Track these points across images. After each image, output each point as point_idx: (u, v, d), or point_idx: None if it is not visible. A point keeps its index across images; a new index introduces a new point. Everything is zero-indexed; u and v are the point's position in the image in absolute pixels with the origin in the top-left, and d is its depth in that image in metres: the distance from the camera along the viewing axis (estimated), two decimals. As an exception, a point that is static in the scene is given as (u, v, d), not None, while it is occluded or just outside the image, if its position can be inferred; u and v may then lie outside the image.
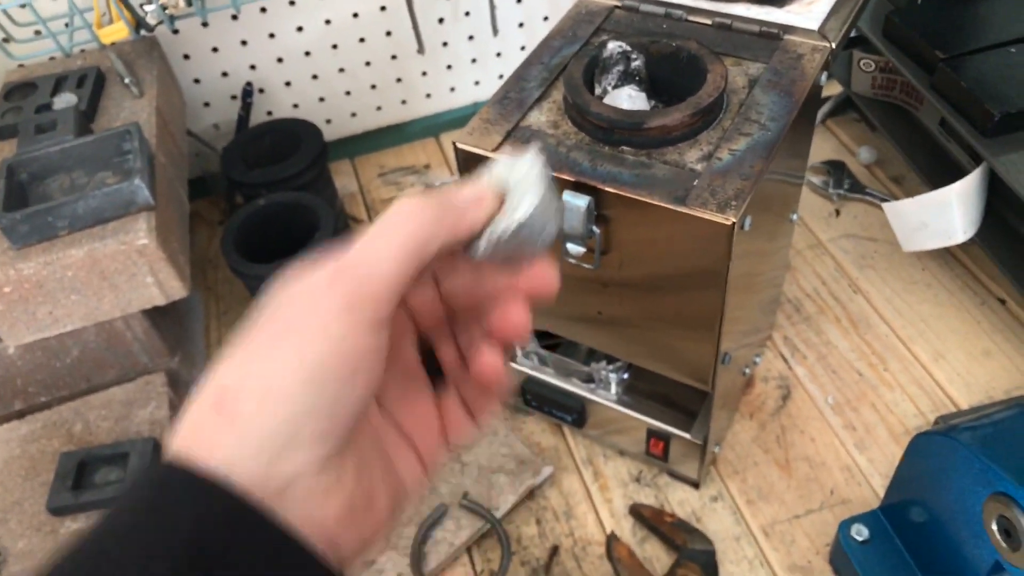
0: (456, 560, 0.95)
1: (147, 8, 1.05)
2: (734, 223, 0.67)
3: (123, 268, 0.94)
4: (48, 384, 1.04)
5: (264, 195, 1.15)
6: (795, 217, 0.97)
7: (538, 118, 0.79)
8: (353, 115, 1.47)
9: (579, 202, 0.72)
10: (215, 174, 1.39)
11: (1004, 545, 0.67)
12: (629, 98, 0.79)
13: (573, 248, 0.77)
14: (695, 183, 0.70)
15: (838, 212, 1.26)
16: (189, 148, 1.33)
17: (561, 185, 0.73)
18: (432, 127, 1.52)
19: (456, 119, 1.51)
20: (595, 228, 0.74)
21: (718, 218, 0.68)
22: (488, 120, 0.80)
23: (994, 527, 0.68)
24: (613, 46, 0.80)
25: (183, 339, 1.15)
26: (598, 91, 0.80)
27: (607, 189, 0.72)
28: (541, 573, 0.93)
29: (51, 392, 1.05)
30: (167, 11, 1.07)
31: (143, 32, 1.14)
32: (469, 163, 0.79)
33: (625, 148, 0.74)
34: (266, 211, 1.14)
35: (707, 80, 0.75)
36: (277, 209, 1.15)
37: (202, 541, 0.32)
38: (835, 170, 1.28)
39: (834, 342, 1.09)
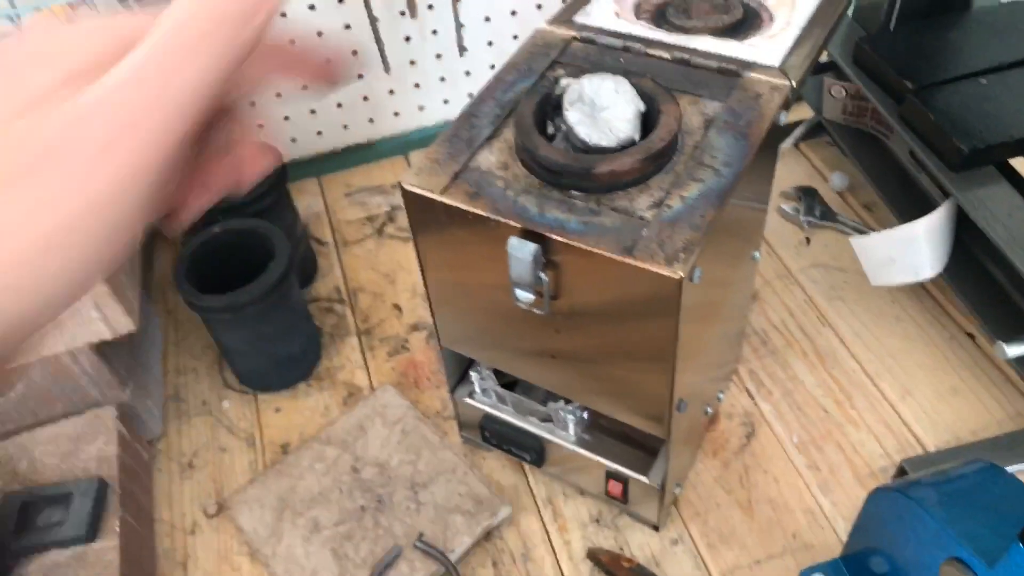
0: (409, 606, 0.92)
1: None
2: (682, 278, 0.65)
3: (65, 304, 0.91)
4: (-11, 423, 1.01)
5: (219, 221, 1.12)
6: (757, 255, 0.95)
7: (488, 158, 0.76)
8: (319, 133, 1.44)
9: (526, 250, 0.70)
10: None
11: (960, 610, 0.65)
12: (615, 92, 0.75)
13: (522, 295, 0.74)
14: (643, 232, 0.68)
15: (808, 240, 1.24)
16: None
17: (509, 231, 0.71)
18: (400, 145, 1.49)
19: (425, 138, 1.49)
20: (542, 275, 0.72)
21: (665, 271, 0.65)
22: (436, 160, 0.77)
23: (950, 591, 0.66)
24: (566, 83, 0.77)
25: (136, 369, 1.12)
26: (551, 130, 0.77)
27: (554, 237, 0.69)
28: (495, 620, 0.90)
29: (-4, 428, 1.02)
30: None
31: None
32: (416, 204, 0.77)
33: (575, 193, 0.72)
34: (221, 238, 1.11)
35: (660, 122, 0.73)
36: (232, 236, 1.12)
37: None
38: (806, 196, 1.26)
39: (801, 377, 1.07)
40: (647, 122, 0.75)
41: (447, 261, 0.82)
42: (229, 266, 1.09)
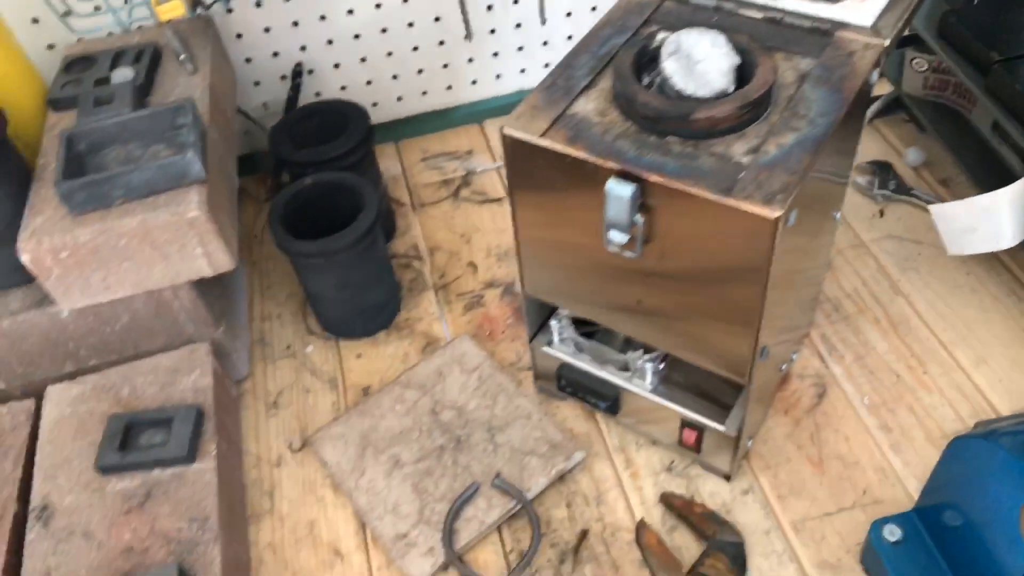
0: (486, 538, 0.96)
1: (205, -14, 1.07)
2: (779, 217, 0.67)
3: (174, 239, 0.96)
4: (99, 348, 1.07)
5: (311, 174, 1.17)
6: (838, 215, 0.97)
7: (585, 106, 0.80)
8: (399, 99, 1.48)
9: (624, 190, 0.73)
10: (263, 152, 1.42)
11: (1039, 550, 0.67)
12: (712, 46, 0.77)
13: (616, 236, 0.78)
14: (741, 176, 0.70)
15: (882, 213, 1.25)
16: (238, 126, 1.36)
17: (607, 174, 0.74)
18: (476, 113, 1.53)
19: (501, 106, 1.52)
20: (638, 217, 0.75)
21: (763, 211, 0.68)
22: (535, 106, 0.81)
23: (1030, 532, 0.68)
24: (663, 36, 0.80)
25: (227, 311, 1.17)
26: (645, 81, 0.80)
27: (652, 178, 0.72)
28: (570, 555, 0.94)
29: (101, 356, 1.08)
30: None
31: (199, 11, 1.16)
32: (515, 150, 0.80)
33: (672, 138, 0.75)
34: (312, 190, 1.16)
35: (756, 74, 0.75)
36: (323, 188, 1.17)
37: None
38: (881, 171, 1.27)
39: (873, 343, 1.09)
40: (741, 77, 0.78)
41: (540, 208, 0.85)
42: (318, 217, 1.14)
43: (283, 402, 1.14)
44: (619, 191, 0.73)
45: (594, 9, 1.44)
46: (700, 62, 0.78)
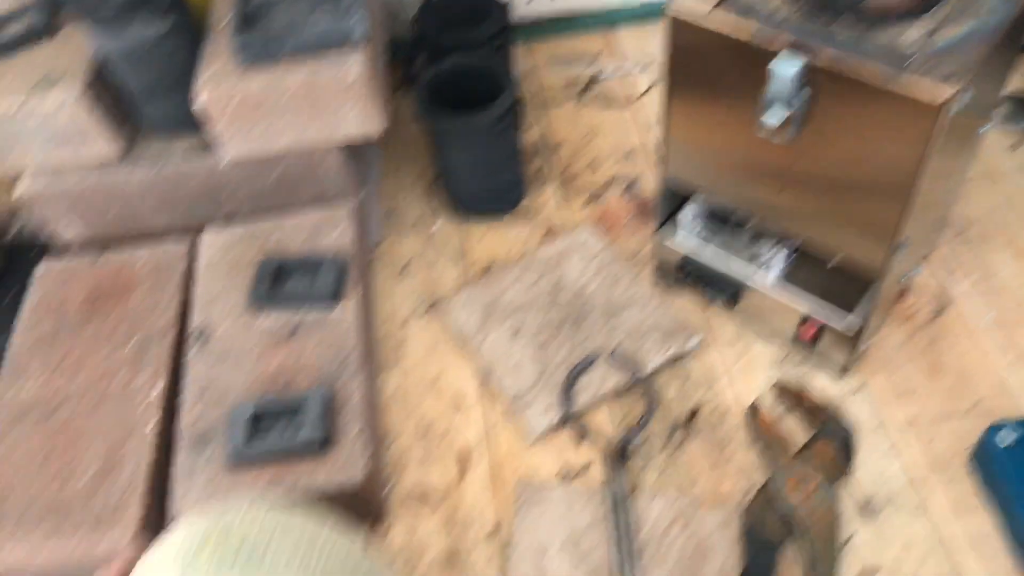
0: (599, 406, 1.02)
1: None
2: (945, 102, 0.69)
3: (334, 97, 1.02)
4: (252, 198, 1.15)
5: (452, 57, 1.21)
6: (984, 129, 0.97)
7: (755, -13, 0.81)
8: (528, 2, 1.51)
9: (792, 67, 0.75)
10: (402, 39, 1.46)
11: None
12: None
13: (772, 117, 0.80)
14: (910, 60, 0.72)
15: (1015, 146, 1.23)
16: (383, 11, 1.41)
17: (772, 53, 0.76)
18: (606, 21, 1.55)
19: (629, 17, 1.53)
20: (800, 97, 0.77)
21: (930, 95, 0.69)
22: (704, -15, 0.83)
23: None
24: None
25: (365, 179, 1.24)
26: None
27: (822, 55, 0.74)
28: (679, 429, 0.99)
29: (254, 206, 1.16)
30: None
31: None
32: (678, 31, 0.82)
33: (841, 22, 0.76)
34: (455, 71, 1.21)
35: (937, -39, 0.76)
36: (465, 70, 1.21)
37: None
38: (1018, 104, 1.25)
39: (997, 268, 1.09)
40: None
41: (695, 89, 0.88)
42: (458, 99, 1.19)
43: (411, 270, 1.21)
44: (785, 68, 0.75)
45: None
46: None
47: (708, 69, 0.85)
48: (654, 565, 0.87)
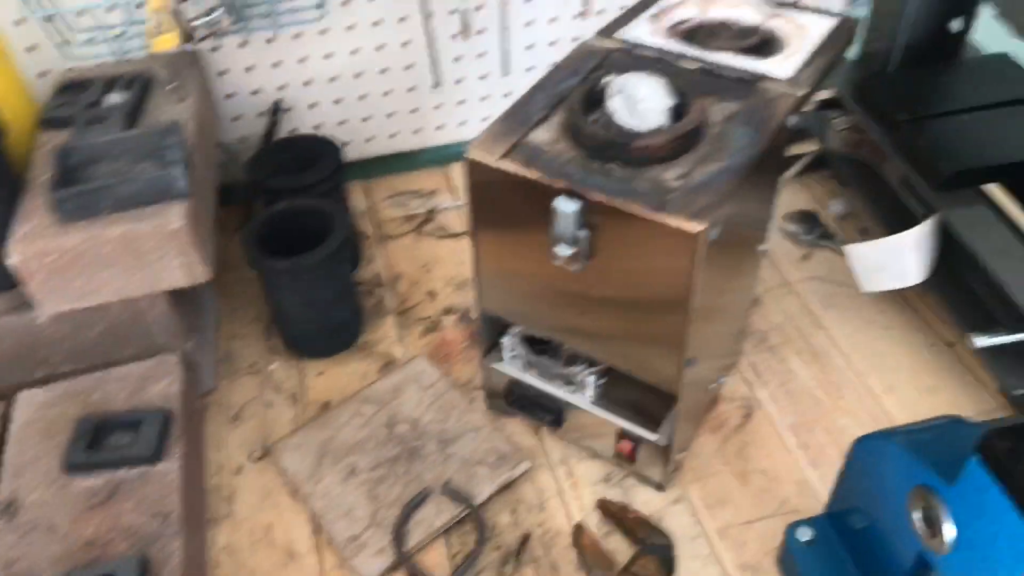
0: (434, 541, 1.02)
1: (196, 23, 1.16)
2: (702, 231, 0.77)
3: (156, 248, 1.03)
4: (73, 355, 1.12)
5: (286, 200, 1.25)
6: (763, 248, 1.08)
7: (540, 135, 0.90)
8: (368, 140, 1.58)
9: (570, 206, 0.82)
10: (237, 184, 1.49)
11: (925, 532, 0.76)
12: (651, 88, 0.88)
13: (562, 250, 0.87)
14: (670, 196, 0.81)
15: (807, 257, 1.37)
16: (217, 158, 1.44)
17: (556, 192, 0.84)
18: (442, 157, 1.63)
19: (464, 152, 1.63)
20: (582, 232, 0.84)
21: (688, 226, 0.78)
22: (495, 134, 0.91)
23: (917, 516, 0.76)
24: (608, 79, 0.91)
25: (198, 326, 1.23)
26: (594, 117, 0.91)
27: (594, 196, 0.82)
28: (512, 558, 1.00)
29: (75, 363, 1.13)
30: (213, 28, 1.18)
31: (188, 46, 1.26)
32: (476, 171, 0.90)
33: (614, 165, 0.85)
34: (286, 214, 1.24)
35: (689, 112, 0.87)
36: (296, 212, 1.25)
37: None
38: (807, 220, 1.40)
39: (796, 371, 1.19)
40: (676, 116, 0.89)
41: (497, 227, 0.95)
42: (290, 241, 1.22)
43: (245, 415, 1.20)
44: (566, 207, 0.83)
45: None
46: (641, 101, 0.89)
47: (507, 206, 0.92)
48: None
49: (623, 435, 1.03)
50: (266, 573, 1.00)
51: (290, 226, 1.25)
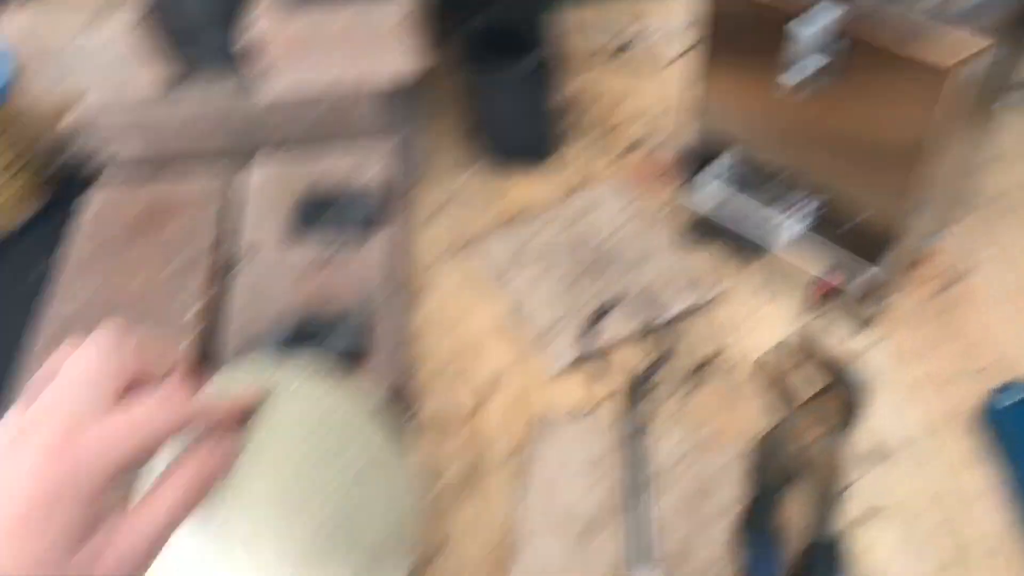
0: (619, 346, 1.05)
1: None
2: (953, 67, 0.71)
3: (377, 39, 1.06)
4: (294, 133, 1.20)
5: (488, 11, 1.24)
6: (999, 104, 0.98)
7: (798, -62, 0.84)
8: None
9: (810, 28, 0.77)
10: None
11: None
12: None
13: (794, 76, 0.82)
14: (921, 27, 0.74)
15: (1051, 122, 1.24)
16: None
17: (794, 13, 0.78)
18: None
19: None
20: (820, 57, 0.79)
21: (939, 60, 0.72)
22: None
23: None
24: None
25: (404, 124, 1.27)
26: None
27: (836, 21, 0.76)
28: (692, 374, 1.02)
29: (296, 139, 1.20)
30: None
31: None
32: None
33: (878, -25, 0.78)
34: (490, 25, 1.24)
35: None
36: (500, 26, 1.24)
37: None
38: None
39: (1014, 240, 1.11)
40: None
41: (723, 50, 0.91)
42: (493, 51, 1.22)
43: (443, 214, 1.25)
44: (812, 23, 0.78)
45: None
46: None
47: (735, 28, 0.88)
48: (661, 496, 0.91)
49: (826, 274, 1.01)
50: (459, 353, 1.07)
51: (492, 38, 1.24)
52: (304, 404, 0.68)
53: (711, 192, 1.08)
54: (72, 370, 0.54)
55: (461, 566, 0.88)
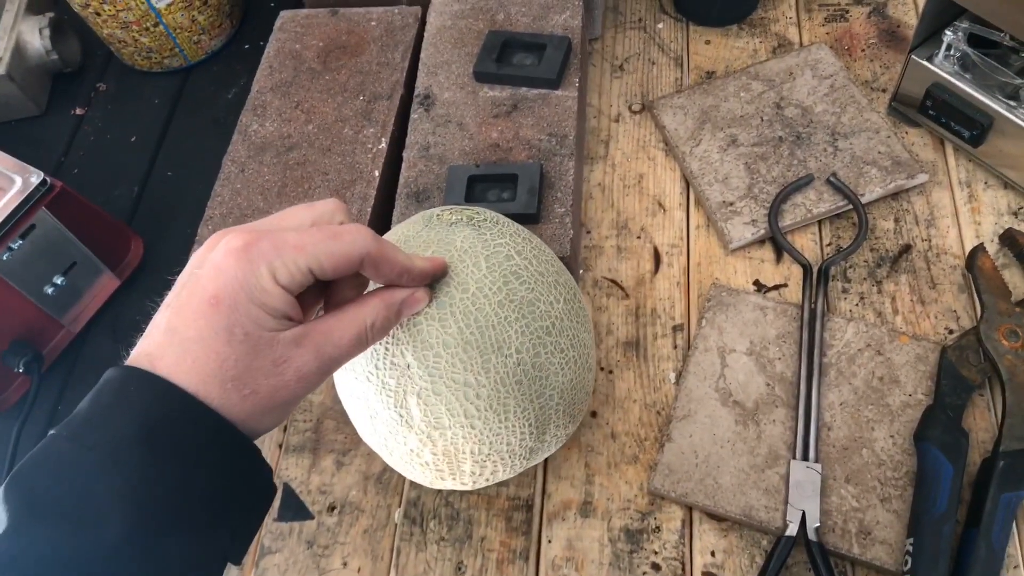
0: (807, 227, 1.00)
1: None
2: None
3: None
4: (485, -30, 1.15)
5: None
6: None
7: None
8: None
9: None
10: None
11: None
12: None
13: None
14: None
15: None
16: None
17: None
18: None
19: None
20: None
21: None
22: None
23: None
24: None
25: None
26: None
27: None
28: (888, 262, 0.96)
29: (486, -22, 1.16)
30: None
31: None
32: None
33: None
34: None
35: None
36: None
37: (152, 421, 0.46)
38: None
39: None
40: None
41: None
42: None
43: (628, 68, 1.19)
44: None
45: None
46: None
47: None
48: (839, 384, 0.87)
49: (1060, 167, 0.90)
50: (634, 214, 1.05)
51: None
52: (499, 255, 0.68)
53: (940, 62, 0.97)
54: (293, 209, 0.58)
55: (626, 419, 0.89)
